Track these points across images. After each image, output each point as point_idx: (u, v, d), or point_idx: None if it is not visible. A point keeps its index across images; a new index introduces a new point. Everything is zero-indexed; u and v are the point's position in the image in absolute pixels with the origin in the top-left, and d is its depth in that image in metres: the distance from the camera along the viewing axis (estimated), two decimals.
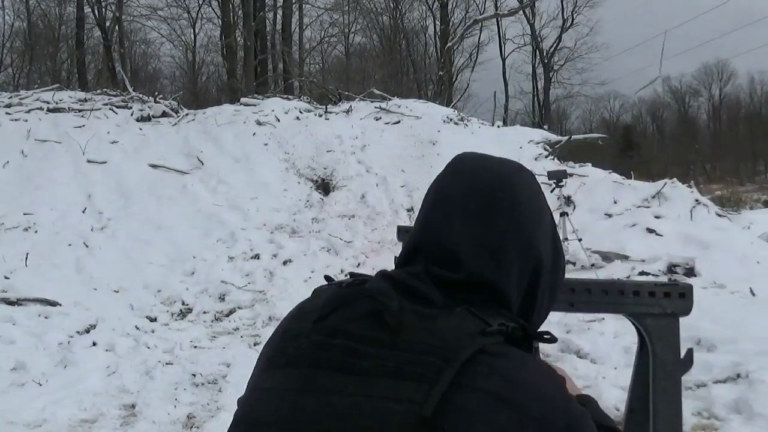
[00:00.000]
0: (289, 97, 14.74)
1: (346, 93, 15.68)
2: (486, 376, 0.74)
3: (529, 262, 0.90)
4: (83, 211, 8.63)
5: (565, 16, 36.73)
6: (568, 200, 8.59)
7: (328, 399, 0.75)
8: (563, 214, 7.79)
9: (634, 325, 1.17)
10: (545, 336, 0.85)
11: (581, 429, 0.78)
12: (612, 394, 4.26)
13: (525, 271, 0.89)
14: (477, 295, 0.83)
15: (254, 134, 11.15)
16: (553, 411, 0.76)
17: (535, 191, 0.93)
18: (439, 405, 0.70)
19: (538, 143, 11.53)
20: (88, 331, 5.74)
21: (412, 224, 0.96)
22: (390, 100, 13.58)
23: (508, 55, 36.92)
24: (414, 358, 0.74)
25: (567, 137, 12.66)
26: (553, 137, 12.54)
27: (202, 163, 10.19)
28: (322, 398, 0.76)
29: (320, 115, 12.39)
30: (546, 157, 10.95)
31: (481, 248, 0.86)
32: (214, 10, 27.39)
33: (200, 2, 28.31)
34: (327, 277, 0.95)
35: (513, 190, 0.90)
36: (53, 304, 6.09)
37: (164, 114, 12.00)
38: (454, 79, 32.02)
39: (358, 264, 7.97)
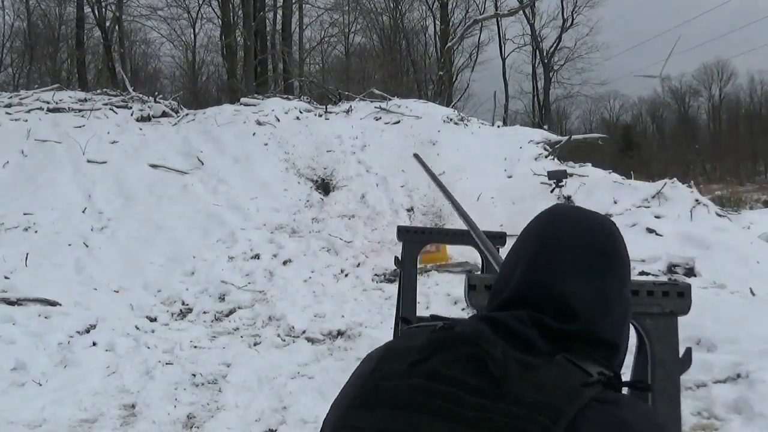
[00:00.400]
0: (289, 97, 14.74)
1: (346, 93, 15.68)
2: (593, 425, 0.74)
3: (628, 312, 0.96)
4: (83, 211, 8.63)
5: (565, 16, 36.75)
6: (568, 200, 8.59)
7: None
8: None
9: (633, 324, 1.18)
10: (639, 385, 0.90)
11: None
12: None
13: (626, 321, 0.95)
14: (581, 345, 0.85)
15: (254, 134, 11.16)
16: None
17: (624, 243, 0.99)
18: None
19: (538, 143, 11.52)
20: (88, 331, 5.74)
21: (411, 224, 0.95)
22: (390, 100, 13.58)
23: (508, 55, 36.94)
24: (520, 414, 0.74)
25: (567, 137, 12.66)
26: (553, 137, 12.54)
27: (202, 163, 10.19)
28: None
29: (320, 115, 12.39)
30: (546, 157, 10.94)
31: (596, 302, 0.89)
32: (214, 10, 27.41)
33: (200, 2, 28.32)
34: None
35: (620, 248, 0.96)
36: (53, 304, 6.09)
37: (164, 114, 12.00)
38: (454, 79, 32.02)
39: (358, 264, 7.97)
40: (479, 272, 5.32)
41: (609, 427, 0.75)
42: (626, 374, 1.78)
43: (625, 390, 0.85)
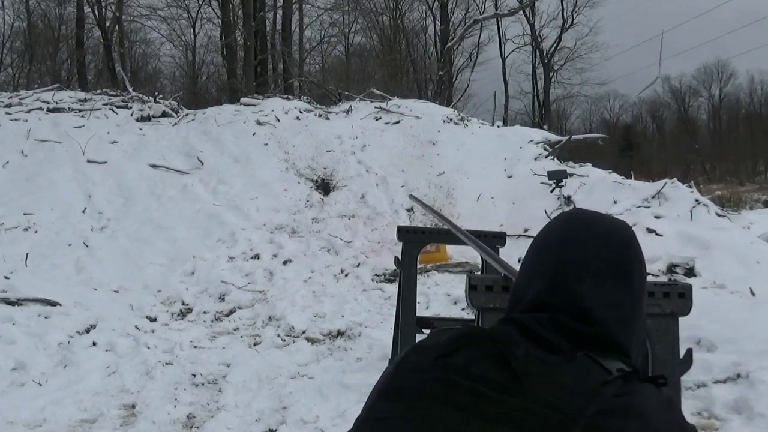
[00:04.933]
0: (289, 97, 14.73)
1: (346, 93, 15.68)
2: (618, 418, 0.76)
3: (643, 316, 0.97)
4: (83, 211, 8.63)
5: (565, 16, 36.72)
6: (568, 200, 8.59)
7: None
8: None
9: None
10: (660, 380, 0.88)
11: None
12: None
13: (642, 324, 0.97)
14: (600, 348, 0.87)
15: (254, 134, 11.15)
16: None
17: (640, 247, 1.00)
18: None
19: (538, 143, 11.52)
20: (88, 331, 5.73)
21: (411, 224, 0.97)
22: (390, 100, 13.58)
23: (508, 55, 36.94)
24: (540, 411, 0.76)
25: (567, 137, 12.66)
26: (553, 137, 12.54)
27: (202, 163, 10.19)
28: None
29: (320, 115, 12.39)
30: (546, 157, 10.94)
31: (614, 307, 0.91)
32: (214, 10, 27.39)
33: (200, 2, 28.31)
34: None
35: (639, 254, 0.98)
36: (53, 304, 6.09)
37: (164, 114, 12.00)
38: (454, 79, 32.02)
39: (358, 264, 7.97)
40: (479, 272, 5.32)
41: (626, 421, 0.76)
42: None
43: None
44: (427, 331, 3.06)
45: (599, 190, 9.24)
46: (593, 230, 0.96)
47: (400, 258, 4.47)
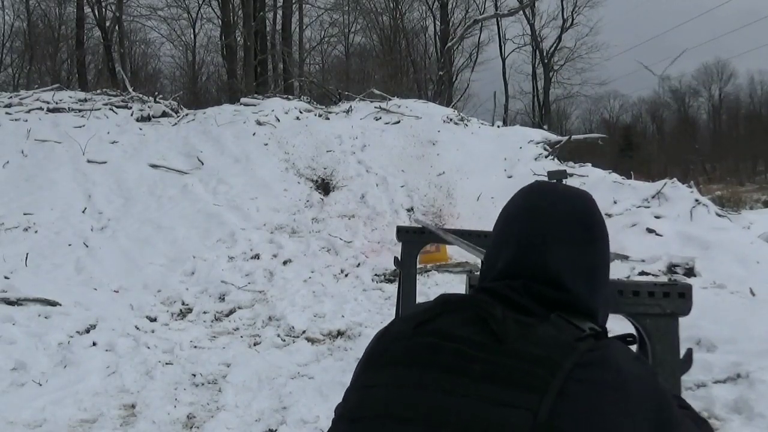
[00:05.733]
0: (289, 97, 14.73)
1: (346, 93, 15.67)
2: (594, 369, 0.81)
3: (608, 279, 1.00)
4: (83, 211, 8.63)
5: (565, 16, 36.73)
6: None
7: (442, 398, 0.81)
8: None
9: (633, 325, 1.18)
10: (628, 338, 0.93)
11: (668, 403, 0.86)
12: None
13: (607, 287, 1.00)
14: (570, 309, 0.91)
15: (254, 134, 11.15)
16: (646, 389, 0.83)
17: (602, 214, 1.04)
18: (551, 410, 0.77)
19: (538, 143, 11.52)
20: (88, 331, 5.73)
21: (412, 224, 0.98)
22: (390, 100, 13.58)
23: (508, 55, 36.96)
24: (522, 367, 0.80)
25: (567, 137, 12.66)
26: (553, 137, 12.54)
27: (202, 163, 10.18)
28: (435, 396, 0.81)
29: (320, 115, 12.39)
30: (546, 157, 10.94)
31: (580, 270, 0.95)
32: (214, 10, 27.40)
33: (200, 2, 28.31)
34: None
35: (600, 218, 1.01)
36: (53, 304, 6.09)
37: (164, 114, 12.00)
38: (454, 79, 32.03)
39: (358, 264, 7.97)
40: (479, 272, 5.30)
41: (602, 372, 0.81)
42: None
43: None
44: None
45: (599, 190, 9.23)
46: (556, 199, 0.99)
47: (399, 258, 4.47)
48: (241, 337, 6.01)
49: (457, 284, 7.21)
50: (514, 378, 0.79)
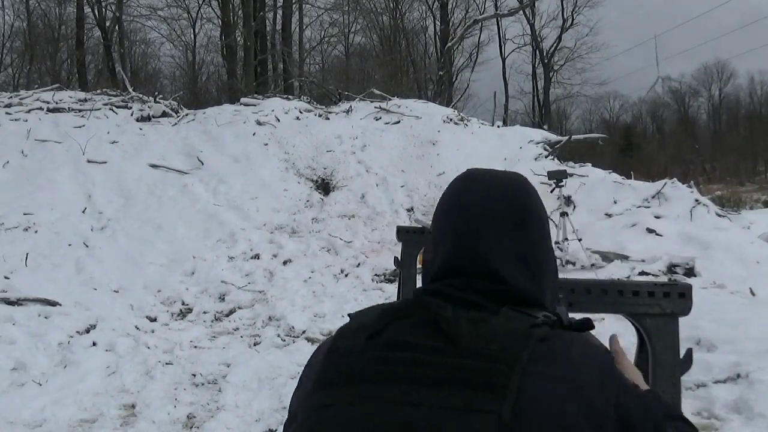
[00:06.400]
0: (289, 97, 14.73)
1: (346, 93, 15.68)
2: (546, 364, 0.79)
3: (551, 264, 0.97)
4: (83, 211, 8.63)
5: (565, 16, 36.72)
6: (568, 200, 8.59)
7: (403, 411, 0.77)
8: (563, 214, 7.79)
9: (633, 325, 1.18)
10: (583, 326, 0.91)
11: (625, 391, 0.84)
12: None
13: (551, 272, 0.97)
14: (519, 300, 0.88)
15: (254, 134, 11.15)
16: (600, 376, 0.81)
17: (538, 196, 1.00)
18: (513, 411, 0.75)
19: (538, 143, 11.52)
20: (88, 331, 5.74)
21: (412, 224, 0.98)
22: (390, 100, 13.58)
23: (508, 55, 36.94)
24: (478, 366, 0.78)
25: (567, 137, 12.66)
26: (553, 137, 12.54)
27: (202, 163, 10.18)
28: (396, 410, 0.78)
29: (320, 115, 12.39)
30: (546, 157, 10.95)
31: (520, 261, 0.92)
32: (214, 10, 27.38)
33: (200, 2, 28.29)
34: (350, 315, 0.96)
35: (536, 202, 0.97)
36: (53, 304, 6.09)
37: (164, 114, 11.99)
38: (454, 79, 32.02)
39: (358, 264, 7.97)
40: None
41: (555, 366, 0.79)
42: None
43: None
44: None
45: (599, 190, 9.24)
46: (488, 188, 0.96)
47: (399, 258, 4.47)
48: (241, 337, 6.01)
49: None
50: (472, 379, 0.77)
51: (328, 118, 12.20)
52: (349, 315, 0.95)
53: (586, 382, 0.79)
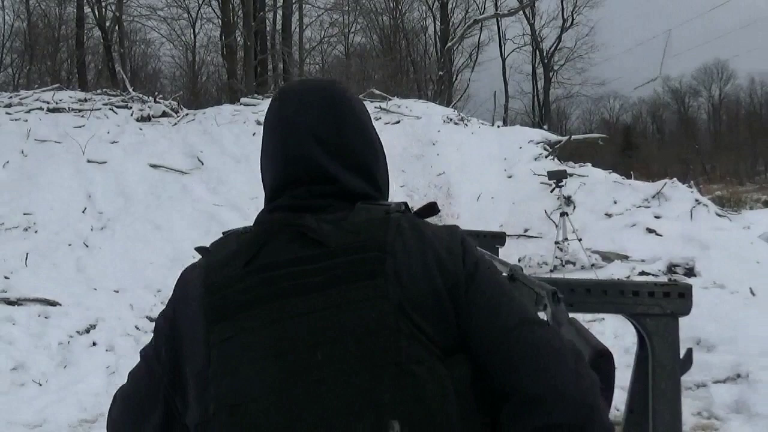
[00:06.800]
0: None
1: None
2: (406, 239, 0.86)
3: (380, 156, 1.03)
4: (83, 211, 8.63)
5: (565, 16, 36.74)
6: (568, 200, 8.59)
7: (302, 322, 0.80)
8: (563, 214, 7.79)
9: (633, 325, 1.17)
10: (431, 208, 0.97)
11: (470, 247, 0.91)
12: None
13: (382, 163, 1.03)
14: (364, 196, 0.96)
15: (254, 134, 11.15)
16: (452, 238, 0.91)
17: (352, 93, 1.05)
18: (395, 288, 0.81)
19: (538, 143, 11.52)
20: (88, 331, 5.74)
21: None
22: (390, 100, 13.58)
23: (508, 55, 36.96)
24: (355, 259, 0.83)
25: (567, 137, 12.66)
26: (553, 137, 12.54)
27: (202, 163, 10.19)
28: (295, 324, 0.80)
29: None
30: (546, 157, 10.94)
31: (346, 159, 0.97)
32: (214, 10, 27.38)
33: (200, 2, 28.29)
34: (199, 248, 0.97)
35: (350, 98, 1.02)
36: (53, 304, 6.09)
37: (164, 114, 11.99)
38: (454, 79, 32.03)
39: None
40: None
41: (416, 236, 0.87)
42: (627, 374, 1.77)
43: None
44: None
45: (599, 190, 9.24)
46: (301, 98, 0.99)
47: None
48: None
49: None
50: (354, 271, 0.82)
51: None
52: (198, 249, 0.96)
53: (438, 245, 0.87)
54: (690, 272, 6.96)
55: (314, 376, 0.78)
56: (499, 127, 13.37)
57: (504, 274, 1.30)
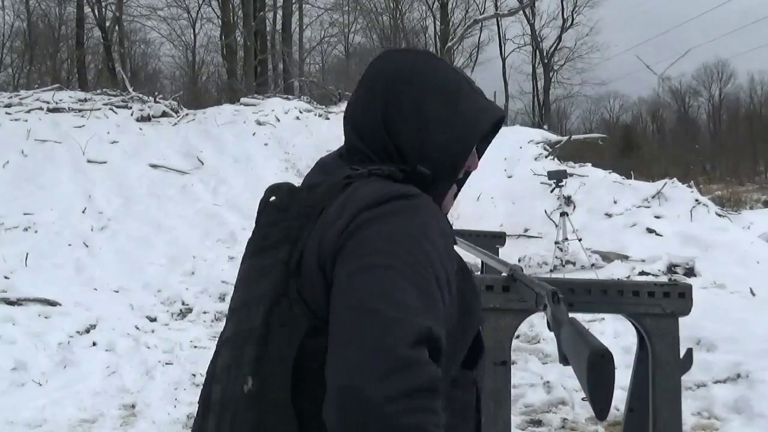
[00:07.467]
0: (289, 97, 14.73)
1: (346, 93, 15.67)
2: (331, 209, 0.89)
3: (425, 122, 1.01)
4: (83, 211, 8.63)
5: (565, 16, 36.73)
6: (568, 200, 8.59)
7: (243, 267, 1.01)
8: (563, 214, 7.79)
9: (633, 325, 1.17)
10: (421, 171, 0.98)
11: (363, 227, 0.85)
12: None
13: (435, 133, 1.02)
14: (376, 156, 0.99)
15: (254, 134, 11.15)
16: (360, 207, 0.87)
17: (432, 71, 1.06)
18: (301, 255, 0.87)
19: (538, 143, 11.52)
20: (88, 331, 5.73)
21: None
22: None
23: (508, 55, 36.96)
24: (301, 214, 0.92)
25: (567, 137, 12.67)
26: (553, 137, 12.55)
27: (202, 163, 10.19)
28: (244, 267, 1.00)
29: (320, 115, 12.39)
30: (546, 157, 10.95)
31: (367, 122, 1.01)
32: (214, 10, 27.38)
33: (200, 2, 28.29)
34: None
35: (418, 74, 1.03)
36: (53, 304, 6.09)
37: (164, 114, 11.99)
38: None
39: None
40: (479, 272, 5.32)
41: (337, 205, 0.88)
42: (627, 374, 1.76)
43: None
44: None
45: (599, 190, 9.24)
46: (372, 64, 1.07)
47: None
48: None
49: None
50: (297, 224, 0.90)
51: (328, 118, 12.19)
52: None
53: (334, 218, 0.88)
54: (690, 272, 6.96)
55: (227, 332, 0.97)
56: None
57: (504, 274, 1.30)
